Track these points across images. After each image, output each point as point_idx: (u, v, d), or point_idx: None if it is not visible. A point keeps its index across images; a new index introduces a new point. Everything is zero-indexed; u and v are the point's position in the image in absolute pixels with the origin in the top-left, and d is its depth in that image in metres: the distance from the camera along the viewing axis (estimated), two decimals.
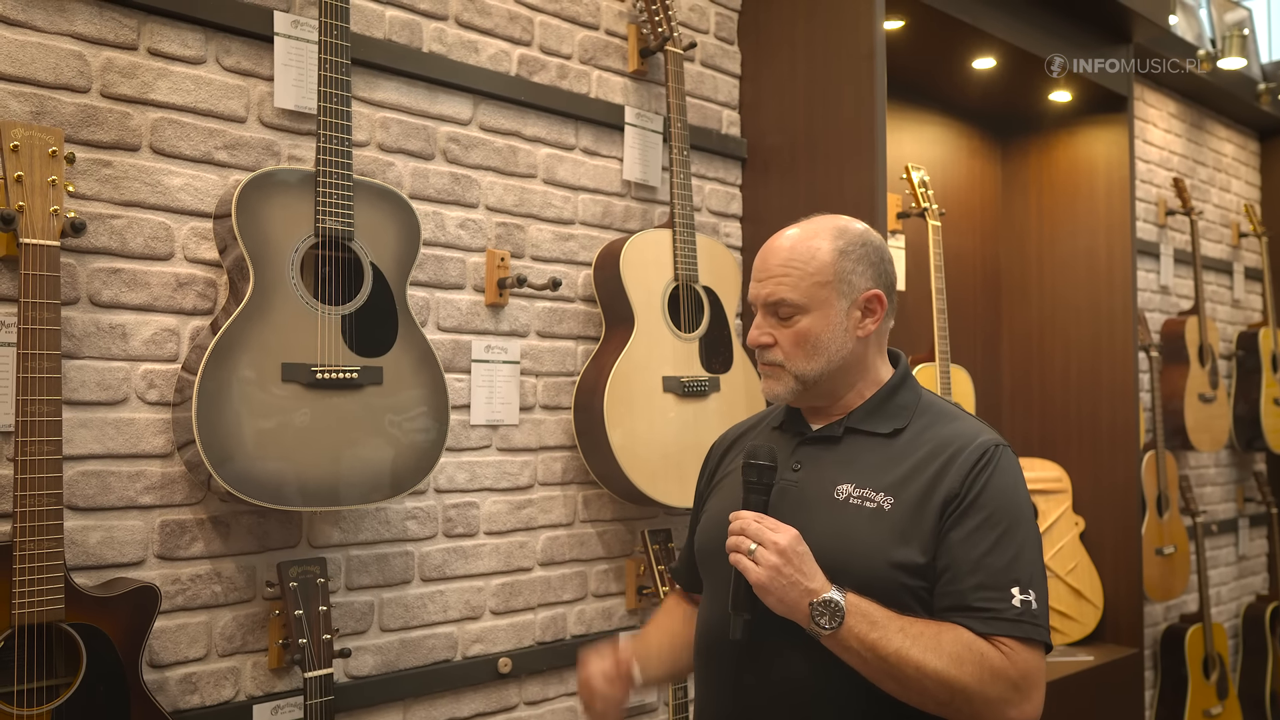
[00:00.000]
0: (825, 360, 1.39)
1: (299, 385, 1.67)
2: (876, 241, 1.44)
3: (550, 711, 2.18)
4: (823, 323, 1.38)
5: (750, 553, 1.27)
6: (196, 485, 1.71)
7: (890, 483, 1.34)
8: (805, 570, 1.26)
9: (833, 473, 1.38)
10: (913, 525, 1.30)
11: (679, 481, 2.21)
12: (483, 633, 2.08)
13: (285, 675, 1.80)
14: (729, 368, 2.34)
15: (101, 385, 1.63)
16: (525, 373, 2.17)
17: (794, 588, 1.25)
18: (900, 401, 1.43)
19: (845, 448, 1.40)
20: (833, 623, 1.24)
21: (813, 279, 1.38)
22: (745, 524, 1.30)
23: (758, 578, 1.26)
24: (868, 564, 1.30)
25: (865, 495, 1.34)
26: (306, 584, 1.72)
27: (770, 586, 1.26)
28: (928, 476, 1.33)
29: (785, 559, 1.26)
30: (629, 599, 2.32)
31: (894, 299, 1.45)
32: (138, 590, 1.53)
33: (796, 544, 1.27)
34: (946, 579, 1.29)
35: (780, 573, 1.25)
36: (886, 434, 1.39)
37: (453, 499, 2.04)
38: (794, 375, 1.40)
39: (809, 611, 1.25)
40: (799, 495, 1.37)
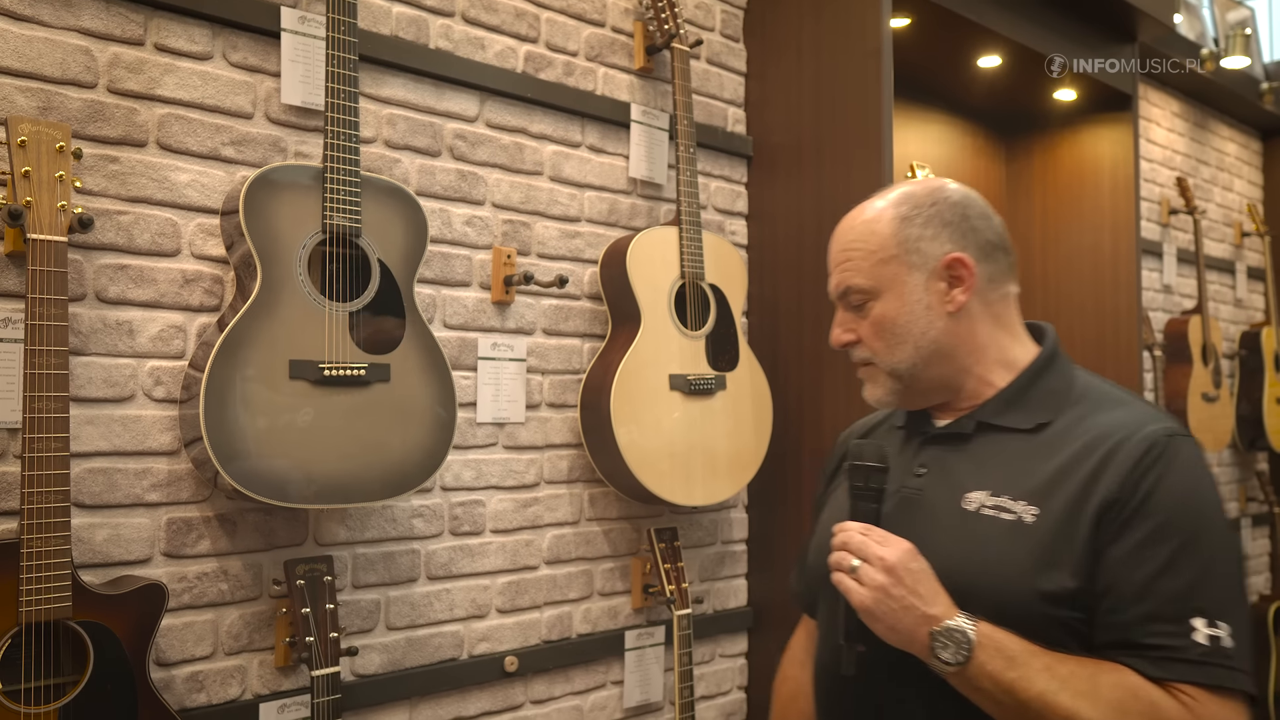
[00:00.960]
0: (913, 347, 1.18)
1: (306, 382, 1.66)
2: (955, 198, 1.22)
3: (556, 710, 2.17)
4: (897, 304, 1.18)
5: (853, 570, 1.08)
6: (203, 483, 1.71)
7: (1033, 489, 1.10)
8: (921, 592, 1.05)
9: (961, 478, 1.16)
10: (1062, 541, 1.06)
11: (685, 480, 2.21)
12: (489, 631, 2.07)
13: (292, 674, 1.79)
14: (735, 365, 2.33)
15: (108, 382, 1.62)
16: (532, 370, 2.16)
17: (908, 613, 1.05)
18: (1047, 387, 1.19)
19: (977, 447, 1.18)
20: (958, 656, 1.03)
21: (875, 257, 1.19)
22: (848, 537, 1.11)
23: (861, 600, 1.07)
24: (1004, 590, 1.07)
25: (1001, 505, 1.11)
26: (313, 582, 1.72)
27: (877, 611, 1.06)
28: (1080, 479, 1.08)
29: (894, 578, 1.05)
30: (635, 598, 2.31)
31: (1001, 260, 1.21)
32: (145, 588, 1.52)
33: (909, 559, 1.07)
34: (1105, 607, 1.05)
35: (888, 594, 1.05)
36: (1028, 429, 1.15)
37: (459, 497, 2.03)
38: (887, 371, 1.21)
39: (928, 642, 1.04)
40: (921, 506, 1.17)
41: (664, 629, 2.35)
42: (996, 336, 1.21)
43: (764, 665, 2.55)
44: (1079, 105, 3.28)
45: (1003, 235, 1.23)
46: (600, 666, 2.25)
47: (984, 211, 1.23)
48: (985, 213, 1.23)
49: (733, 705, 2.54)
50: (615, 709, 2.28)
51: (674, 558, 2.27)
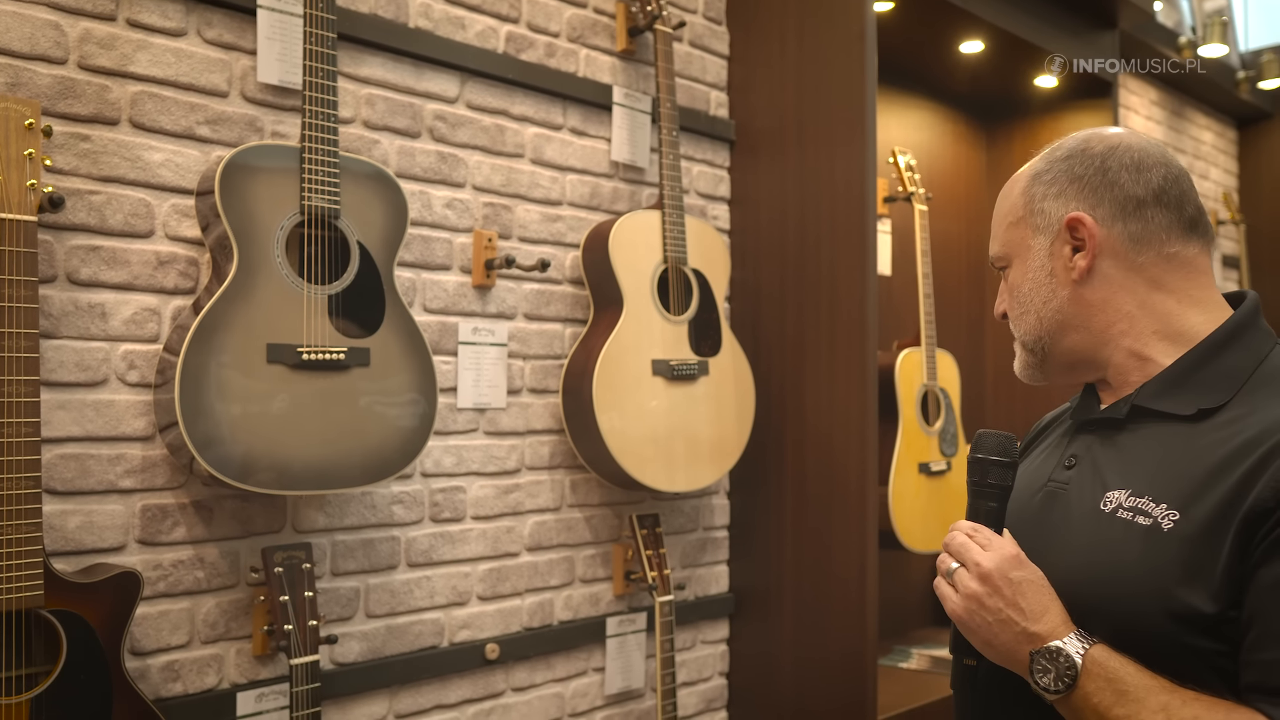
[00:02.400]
0: (1035, 317, 1.07)
1: (284, 366, 1.63)
2: (1098, 149, 1.05)
3: (538, 698, 2.16)
4: (1022, 271, 1.08)
5: (949, 575, 0.97)
6: (178, 469, 1.67)
7: (1179, 489, 0.93)
8: (1023, 605, 0.92)
9: (1107, 472, 1.01)
10: (1201, 555, 0.89)
11: (667, 466, 2.19)
12: (470, 619, 2.05)
13: (270, 662, 1.77)
14: (718, 351, 2.32)
15: (80, 366, 1.59)
16: (513, 355, 2.14)
17: (1005, 627, 0.93)
18: (1224, 366, 0.98)
19: (1129, 436, 1.01)
20: (1059, 684, 0.90)
21: (1005, 220, 1.10)
22: (953, 537, 1.00)
23: (954, 609, 0.97)
24: (1128, 607, 0.92)
25: (1141, 507, 0.94)
26: (292, 569, 1.69)
27: (971, 623, 0.95)
28: (1234, 481, 0.89)
29: (990, 586, 0.93)
30: (616, 584, 2.30)
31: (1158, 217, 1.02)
32: (119, 576, 1.49)
33: (1010, 567, 0.94)
34: (1250, 641, 0.87)
35: (983, 605, 0.94)
36: (1187, 416, 0.97)
37: (439, 483, 2.01)
38: (1020, 342, 1.11)
39: (1028, 663, 0.92)
40: (1063, 504, 1.02)
41: (645, 615, 2.34)
42: (1155, 304, 1.02)
43: (745, 651, 2.55)
44: (1060, 92, 3.28)
45: (1162, 188, 1.03)
46: (582, 654, 2.24)
47: (1136, 162, 1.03)
48: (1138, 164, 1.03)
49: (714, 691, 2.54)
50: (597, 696, 2.27)
51: (656, 544, 2.26)
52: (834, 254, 2.39)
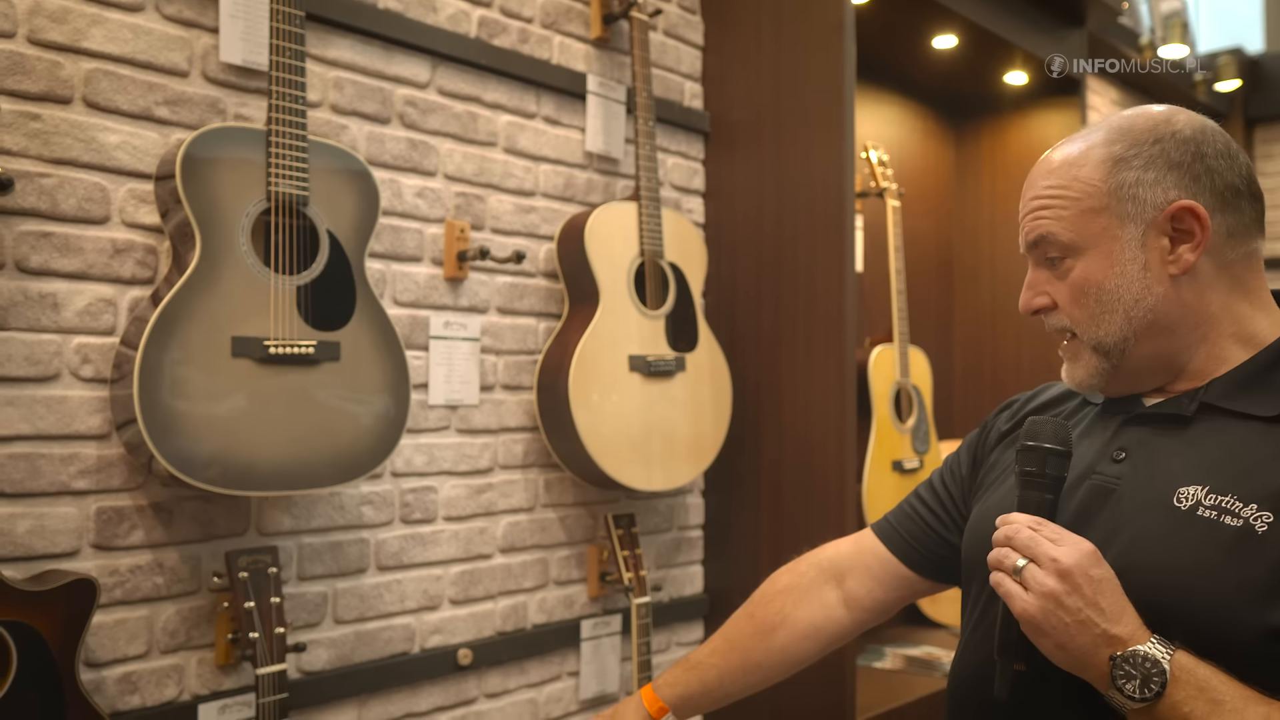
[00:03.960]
0: (1123, 317, 0.97)
1: (250, 361, 1.54)
2: (1186, 132, 0.99)
3: (511, 704, 2.09)
4: (1105, 264, 0.97)
5: (1017, 572, 0.89)
6: (136, 469, 1.58)
7: (1270, 491, 0.88)
8: (1103, 605, 0.86)
9: (1174, 469, 0.95)
10: None
11: (644, 464, 2.14)
12: (441, 623, 1.98)
13: (233, 672, 1.68)
14: (694, 346, 2.27)
15: (30, 360, 1.49)
16: (485, 350, 2.07)
17: (1084, 629, 0.85)
18: None
19: (1198, 434, 0.96)
20: (1145, 691, 0.83)
21: (1079, 205, 0.98)
22: (1015, 530, 0.91)
23: (1024, 609, 0.88)
24: (1218, 614, 0.86)
25: (1226, 506, 0.89)
26: (257, 574, 1.61)
27: (1045, 624, 0.87)
28: None
29: (1069, 584, 0.86)
30: (591, 586, 2.24)
31: (1246, 210, 0.98)
32: (74, 583, 1.39)
33: (1090, 564, 0.87)
34: None
35: (1061, 604, 0.86)
36: (1268, 417, 0.93)
37: (410, 483, 1.94)
38: (1092, 347, 1.00)
39: (1107, 669, 0.85)
40: (1118, 500, 0.96)
41: (620, 618, 2.28)
42: (1233, 305, 0.98)
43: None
44: (1028, 90, 3.28)
45: (1250, 178, 0.99)
46: (556, 657, 2.17)
47: (1226, 149, 0.98)
48: (1228, 150, 0.98)
49: None
50: (571, 701, 2.20)
51: (632, 544, 2.20)
52: (811, 249, 2.35)
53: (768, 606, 1.25)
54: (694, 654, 1.26)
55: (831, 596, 1.25)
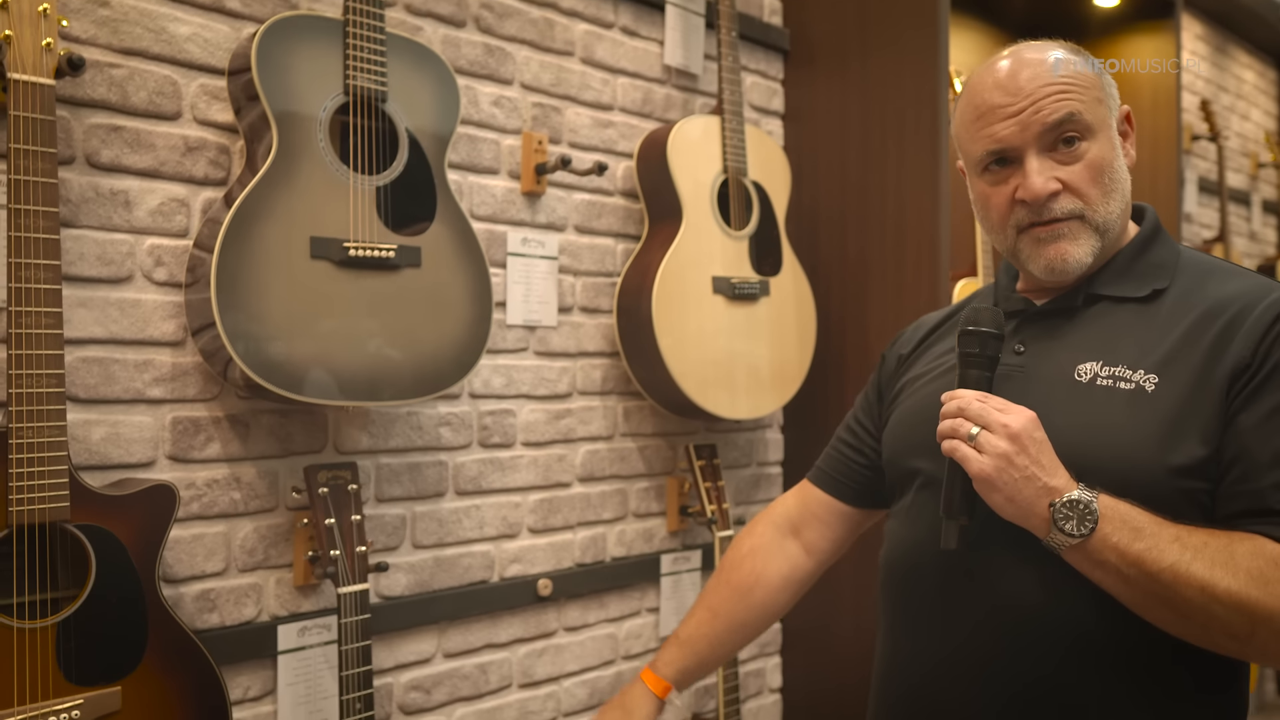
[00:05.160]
0: (1120, 198, 1.09)
1: (329, 263, 1.46)
2: None
3: (591, 638, 2.02)
4: (1109, 148, 1.08)
5: (971, 438, 1.00)
6: (211, 379, 1.51)
7: (1153, 358, 1.04)
8: (1044, 462, 0.99)
9: (1070, 351, 1.09)
10: (1189, 409, 1.00)
11: (728, 391, 2.04)
12: (520, 552, 1.90)
13: (312, 594, 1.62)
14: (778, 270, 2.16)
15: (103, 260, 1.42)
16: (563, 271, 1.98)
17: (1029, 483, 0.98)
18: (1155, 259, 1.12)
19: (1086, 320, 1.11)
20: (1081, 528, 0.96)
21: (1090, 94, 1.08)
22: (965, 403, 1.02)
23: (981, 469, 0.99)
24: (1128, 461, 1.00)
25: (1119, 375, 1.04)
26: (337, 490, 1.53)
27: (998, 480, 0.98)
28: (1205, 346, 1.02)
29: (1019, 446, 0.98)
30: (670, 520, 2.15)
31: None
32: (153, 489, 1.33)
33: (1033, 428, 1.00)
34: (1236, 476, 0.99)
35: (1012, 463, 0.98)
36: (1142, 298, 1.09)
37: (488, 405, 1.85)
38: (1095, 226, 1.08)
39: (1048, 515, 0.97)
40: (1025, 381, 1.08)
41: (700, 554, 2.19)
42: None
43: None
44: (1119, 12, 3.10)
45: None
46: (635, 593, 2.09)
47: None
48: None
49: (766, 635, 2.39)
50: (650, 638, 2.12)
51: (714, 476, 2.11)
52: (901, 178, 2.22)
53: (739, 570, 1.36)
54: (682, 630, 1.36)
55: (793, 548, 1.37)
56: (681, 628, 1.36)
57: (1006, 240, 1.13)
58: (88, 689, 1.24)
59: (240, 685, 1.53)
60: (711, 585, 1.38)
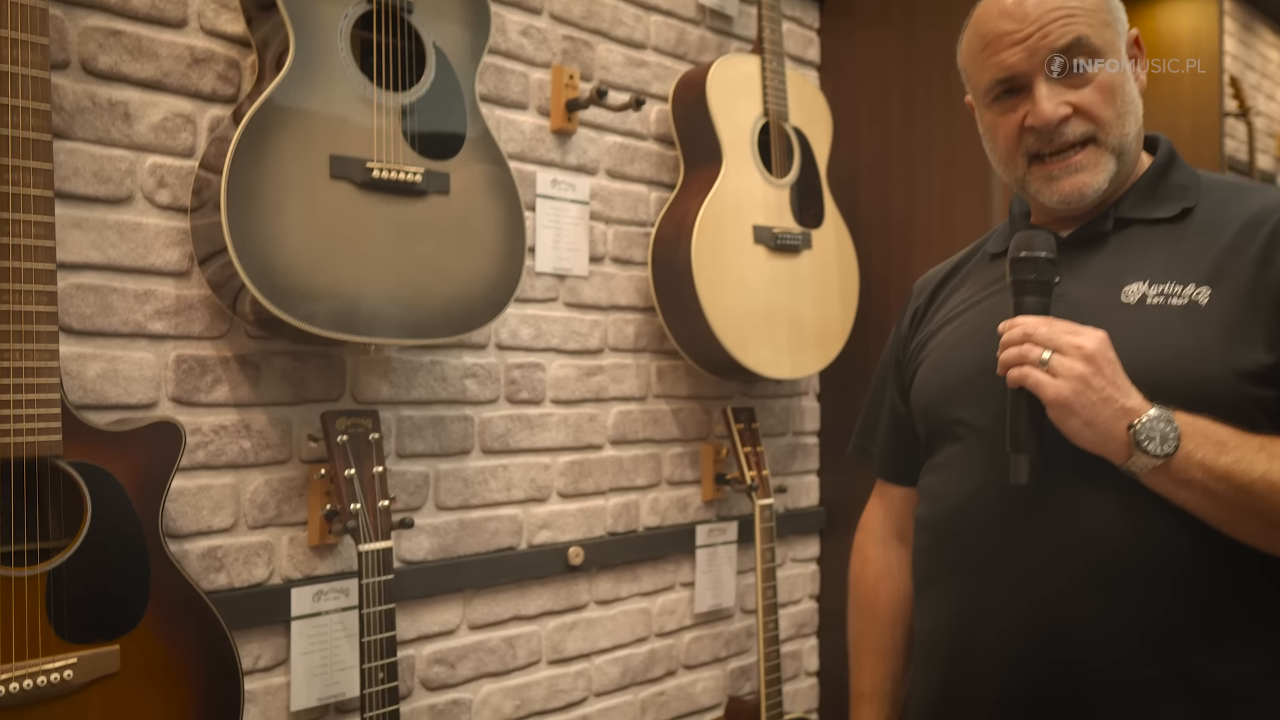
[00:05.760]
0: (1134, 120, 1.05)
1: (351, 185, 1.32)
2: None
3: (623, 613, 1.87)
4: (1120, 72, 1.04)
5: (1043, 363, 0.95)
6: (219, 315, 1.37)
7: (1200, 272, 1.00)
8: (1119, 383, 0.94)
9: (1111, 276, 1.04)
10: (1247, 318, 0.96)
11: (771, 348, 1.90)
12: (550, 518, 1.76)
13: (328, 555, 1.47)
14: (820, 223, 2.02)
15: (99, 177, 1.28)
16: (595, 218, 1.84)
17: (1107, 405, 0.93)
18: (1177, 181, 1.09)
19: (1118, 245, 1.07)
20: (1164, 448, 0.91)
21: (1097, 17, 1.04)
22: (1031, 328, 0.96)
23: (1058, 393, 0.93)
24: (1197, 374, 0.96)
25: (1168, 292, 1.00)
26: (357, 440, 1.39)
27: (1076, 404, 0.93)
28: (1252, 256, 0.98)
29: (1094, 367, 0.93)
30: (705, 489, 2.01)
31: None
32: (156, 426, 1.19)
33: (1106, 348, 0.95)
34: None
35: (1089, 385, 0.93)
36: (1172, 217, 1.05)
37: (516, 357, 1.71)
38: (1111, 148, 1.04)
39: (1128, 438, 0.92)
40: (1070, 311, 1.02)
41: (737, 526, 2.05)
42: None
43: (837, 571, 2.27)
44: None
45: None
46: (669, 565, 1.95)
47: None
48: None
49: (804, 615, 2.26)
50: (685, 614, 1.98)
51: (753, 441, 1.97)
52: (950, 133, 2.09)
53: (878, 602, 1.30)
54: (860, 685, 1.29)
55: (908, 553, 1.27)
56: (859, 683, 1.29)
57: (1016, 171, 1.09)
58: (82, 646, 1.10)
59: (250, 654, 1.39)
60: (860, 629, 1.32)
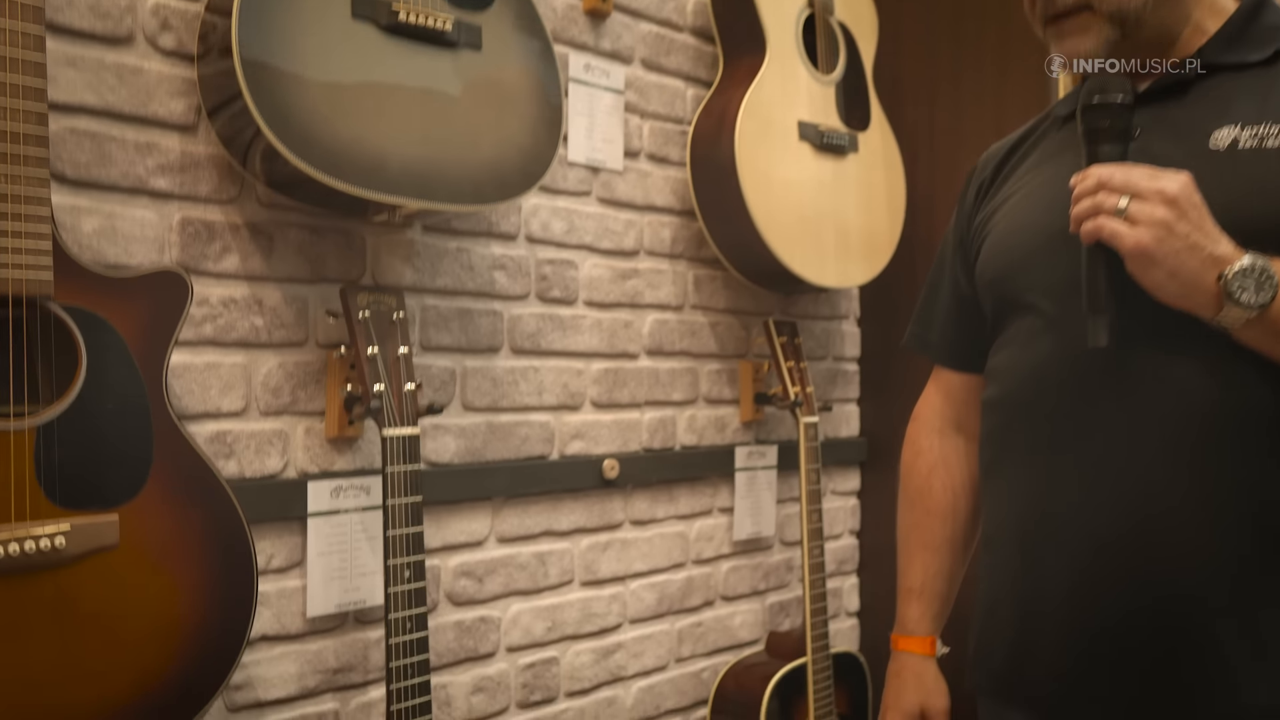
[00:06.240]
0: None
1: (375, 27, 1.20)
2: None
3: (660, 536, 1.75)
4: None
5: (1120, 212, 0.86)
6: (229, 176, 1.24)
7: None
8: (1206, 229, 0.85)
9: (1196, 123, 0.95)
10: None
11: (816, 253, 1.77)
12: (583, 427, 1.63)
13: (348, 450, 1.35)
14: (867, 125, 1.90)
15: (95, 10, 1.15)
16: (629, 110, 1.71)
17: (1194, 253, 0.84)
18: (1268, 22, 0.99)
19: (1202, 93, 0.98)
20: (1260, 296, 0.83)
21: None
22: (1106, 176, 0.88)
23: (1138, 241, 0.85)
24: None
25: (1260, 134, 0.91)
26: (381, 317, 1.27)
27: (1158, 253, 0.85)
28: None
29: (1178, 211, 0.85)
30: (744, 409, 1.88)
31: None
32: (159, 275, 1.06)
33: (1191, 191, 0.86)
34: None
35: (1172, 231, 0.85)
36: (1263, 61, 0.96)
37: (547, 252, 1.59)
38: (1109, 14, 0.96)
39: (1218, 288, 0.84)
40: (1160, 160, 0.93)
41: (776, 450, 1.93)
42: None
43: (878, 506, 2.14)
44: None
45: None
46: (707, 489, 1.83)
47: None
48: None
49: (844, 552, 2.13)
50: (723, 541, 1.86)
51: (796, 356, 1.85)
52: (1004, 41, 1.96)
53: (931, 494, 1.23)
54: (909, 581, 1.22)
55: (965, 445, 1.22)
56: (907, 579, 1.22)
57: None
58: (76, 513, 0.97)
59: (262, 552, 1.27)
60: (912, 522, 1.24)
